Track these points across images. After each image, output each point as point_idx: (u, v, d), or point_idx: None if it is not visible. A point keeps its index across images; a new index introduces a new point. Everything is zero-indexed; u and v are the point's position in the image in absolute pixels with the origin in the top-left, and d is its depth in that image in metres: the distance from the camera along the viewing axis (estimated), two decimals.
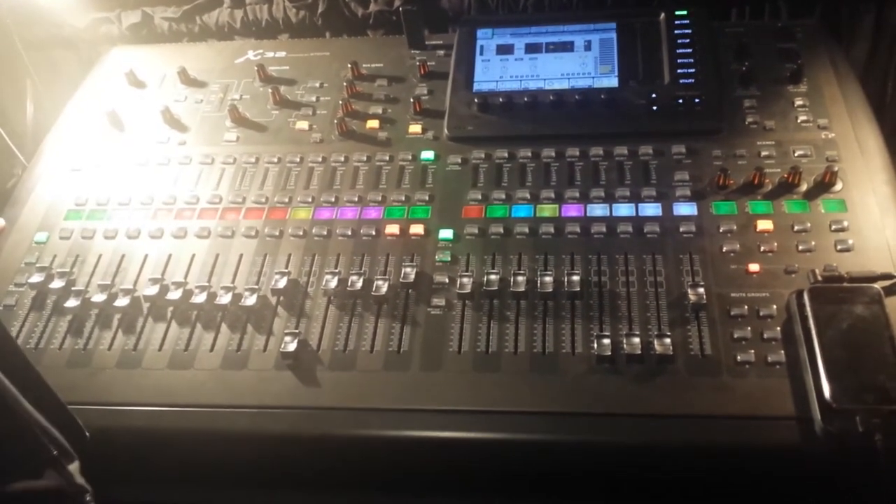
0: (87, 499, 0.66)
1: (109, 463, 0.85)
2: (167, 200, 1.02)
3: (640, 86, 1.06)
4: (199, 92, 1.17)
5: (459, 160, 1.02)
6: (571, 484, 0.83)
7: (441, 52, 1.17)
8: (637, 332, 0.82)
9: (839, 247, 0.87)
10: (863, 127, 0.99)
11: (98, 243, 0.99)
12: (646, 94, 1.04)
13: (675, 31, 1.10)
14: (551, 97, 1.05)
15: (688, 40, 1.09)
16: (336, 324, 0.88)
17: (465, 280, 0.88)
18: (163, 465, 0.85)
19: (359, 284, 0.89)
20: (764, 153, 0.97)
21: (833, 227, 0.89)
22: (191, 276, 0.94)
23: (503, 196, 0.97)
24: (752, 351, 0.80)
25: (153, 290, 0.91)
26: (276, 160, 1.05)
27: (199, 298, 0.90)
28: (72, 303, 0.91)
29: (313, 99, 1.14)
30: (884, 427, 0.70)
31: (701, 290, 0.84)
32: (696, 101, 1.03)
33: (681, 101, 1.03)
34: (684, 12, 1.11)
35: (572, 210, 0.95)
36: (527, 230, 0.93)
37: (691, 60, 1.06)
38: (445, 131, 1.06)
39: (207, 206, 1.01)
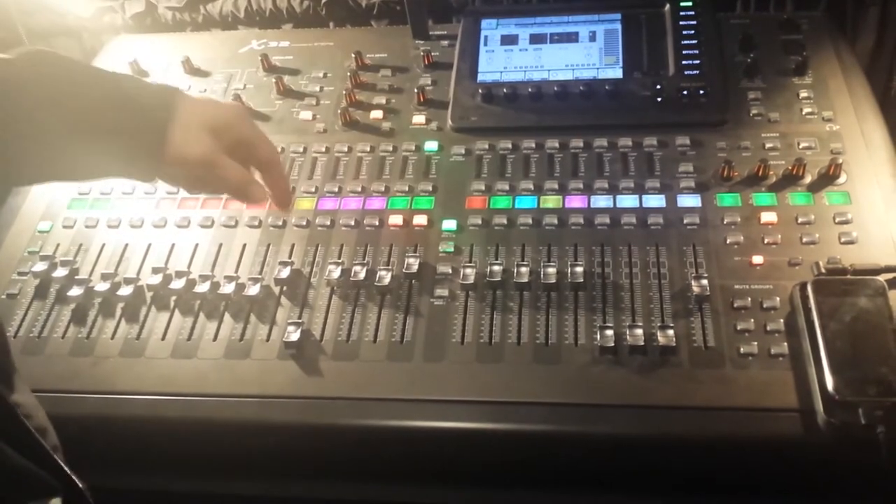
0: None
1: (111, 451, 0.85)
2: (171, 190, 1.02)
3: (644, 77, 1.06)
4: (203, 81, 1.17)
5: (463, 151, 1.02)
6: (573, 475, 0.84)
7: (445, 43, 1.17)
8: (640, 324, 0.82)
9: (843, 239, 0.86)
10: (868, 119, 0.98)
11: (101, 232, 0.99)
12: (650, 85, 1.04)
13: (680, 23, 1.09)
14: (555, 88, 1.05)
15: (693, 31, 1.08)
16: (339, 314, 0.88)
17: (469, 271, 0.88)
18: (165, 454, 0.86)
19: (362, 275, 0.89)
20: (768, 145, 0.97)
21: (837, 219, 0.88)
22: (194, 266, 0.94)
23: (507, 187, 0.97)
24: (756, 343, 0.80)
25: (156, 280, 0.91)
26: (279, 150, 1.04)
27: (203, 288, 0.90)
28: (75, 291, 0.91)
29: (317, 89, 1.13)
30: (886, 419, 0.70)
31: (704, 281, 0.84)
32: (701, 92, 1.02)
33: (685, 92, 1.03)
34: (689, 3, 1.11)
35: (576, 201, 0.95)
36: (530, 221, 0.93)
37: (696, 52, 1.06)
38: (449, 122, 1.06)
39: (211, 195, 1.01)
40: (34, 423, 0.62)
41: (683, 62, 1.05)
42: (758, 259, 0.86)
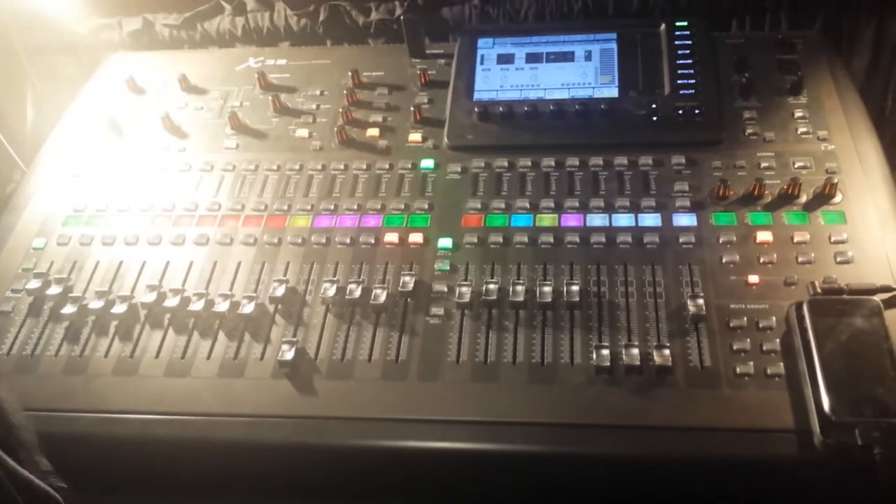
0: None
1: (105, 471, 0.85)
2: (166, 207, 1.02)
3: (640, 96, 1.06)
4: (200, 99, 1.17)
5: (459, 169, 1.02)
6: (569, 495, 0.83)
7: (442, 61, 1.17)
8: (636, 343, 0.82)
9: (839, 259, 0.86)
10: (863, 139, 0.99)
11: (96, 250, 0.99)
12: (646, 104, 1.04)
13: (676, 42, 1.10)
14: (551, 107, 1.05)
15: (688, 51, 1.09)
16: (334, 332, 0.87)
17: (464, 289, 0.88)
18: (158, 473, 0.85)
19: (357, 293, 0.89)
20: (764, 164, 0.97)
21: (832, 239, 0.88)
22: (188, 284, 0.93)
23: (503, 205, 0.97)
24: (752, 363, 0.79)
25: (150, 298, 0.91)
26: (275, 168, 1.05)
27: (197, 306, 0.90)
28: (68, 309, 0.91)
29: (313, 107, 1.14)
30: (883, 440, 0.69)
31: (700, 301, 0.84)
32: (697, 111, 1.03)
33: (681, 111, 1.03)
34: (685, 23, 1.11)
35: (572, 220, 0.95)
36: (526, 240, 0.93)
37: (691, 71, 1.06)
38: (445, 140, 1.06)
39: (206, 213, 1.01)
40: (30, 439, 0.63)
41: (679, 81, 1.06)
42: (753, 278, 0.86)
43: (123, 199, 1.04)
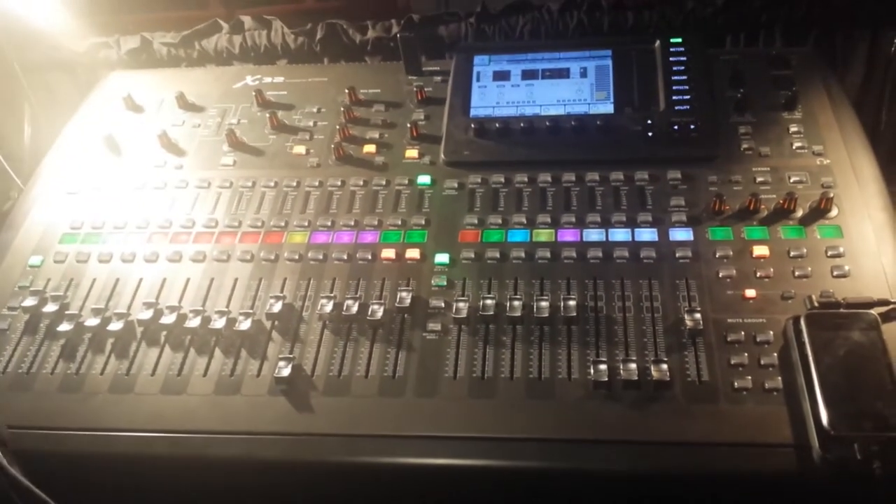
0: None
1: (100, 488, 0.84)
2: (163, 224, 1.02)
3: (635, 112, 1.06)
4: (197, 116, 1.17)
5: (456, 185, 1.03)
6: None
7: (438, 79, 1.18)
8: (634, 358, 0.82)
9: (835, 273, 0.87)
10: (858, 153, 0.99)
11: (93, 267, 0.98)
12: (641, 120, 1.05)
13: (671, 59, 1.10)
14: (547, 123, 1.06)
15: (683, 67, 1.09)
16: (331, 349, 0.87)
17: (461, 305, 0.88)
18: (155, 491, 0.85)
19: (354, 309, 0.89)
20: (759, 179, 0.97)
21: (829, 252, 0.89)
22: (185, 301, 0.93)
23: (499, 221, 0.97)
24: (750, 377, 0.79)
25: (147, 315, 0.91)
26: (272, 184, 1.05)
27: (193, 323, 0.90)
28: (65, 327, 0.91)
29: (311, 124, 1.14)
30: (882, 454, 0.69)
31: (697, 315, 0.84)
32: (692, 127, 1.03)
33: (676, 127, 1.03)
34: (679, 40, 1.12)
35: (568, 235, 0.95)
36: (523, 255, 0.93)
37: (686, 87, 1.07)
38: (442, 156, 1.06)
39: (203, 229, 1.01)
40: None
41: (674, 98, 1.06)
42: (750, 292, 0.86)
43: (120, 216, 1.04)
